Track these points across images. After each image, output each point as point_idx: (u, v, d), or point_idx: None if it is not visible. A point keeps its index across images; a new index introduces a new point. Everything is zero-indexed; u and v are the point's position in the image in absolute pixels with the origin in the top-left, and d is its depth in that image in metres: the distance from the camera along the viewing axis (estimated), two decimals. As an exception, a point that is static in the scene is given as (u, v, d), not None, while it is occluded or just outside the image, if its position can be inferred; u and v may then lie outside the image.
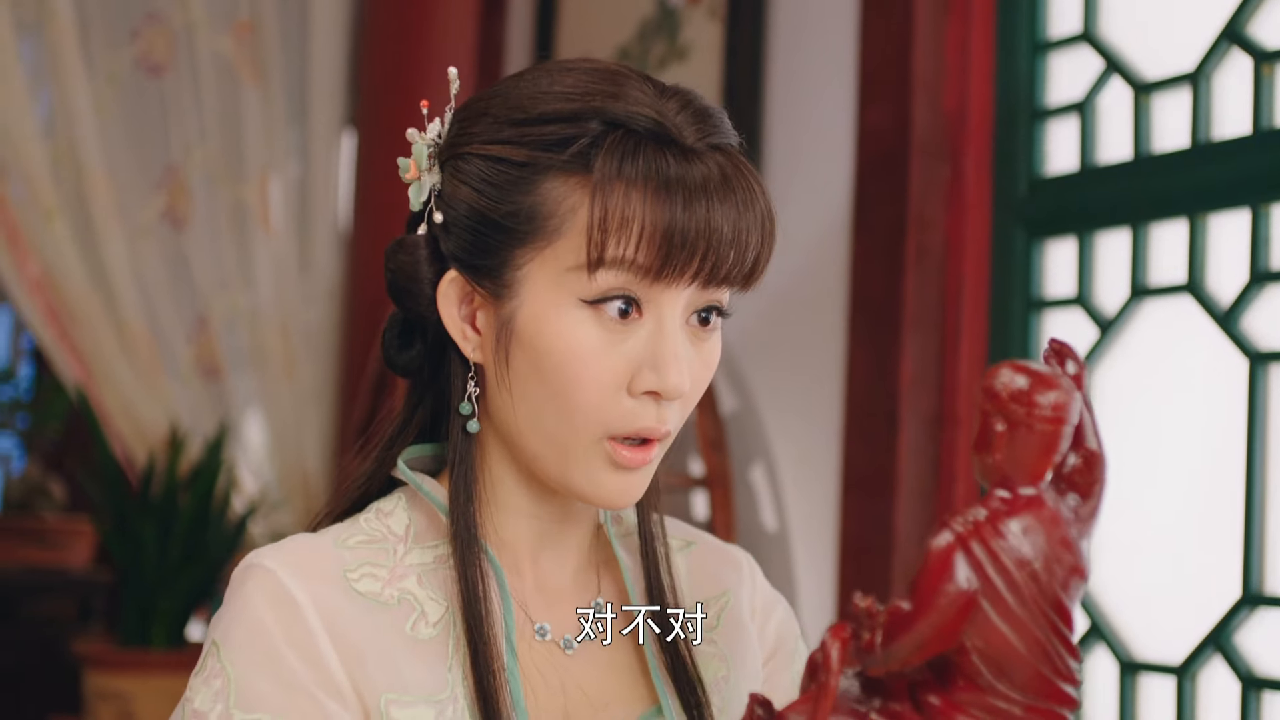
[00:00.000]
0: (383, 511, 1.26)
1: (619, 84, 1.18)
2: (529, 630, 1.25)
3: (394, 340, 1.28)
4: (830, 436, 2.55)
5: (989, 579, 0.95)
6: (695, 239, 1.13)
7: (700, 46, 2.91)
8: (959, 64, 2.44)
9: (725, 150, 1.19)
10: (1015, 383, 0.97)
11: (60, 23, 3.64)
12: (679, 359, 1.17)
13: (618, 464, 1.18)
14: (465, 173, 1.21)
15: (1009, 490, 0.98)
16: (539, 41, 3.40)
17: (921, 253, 2.41)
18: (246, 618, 1.15)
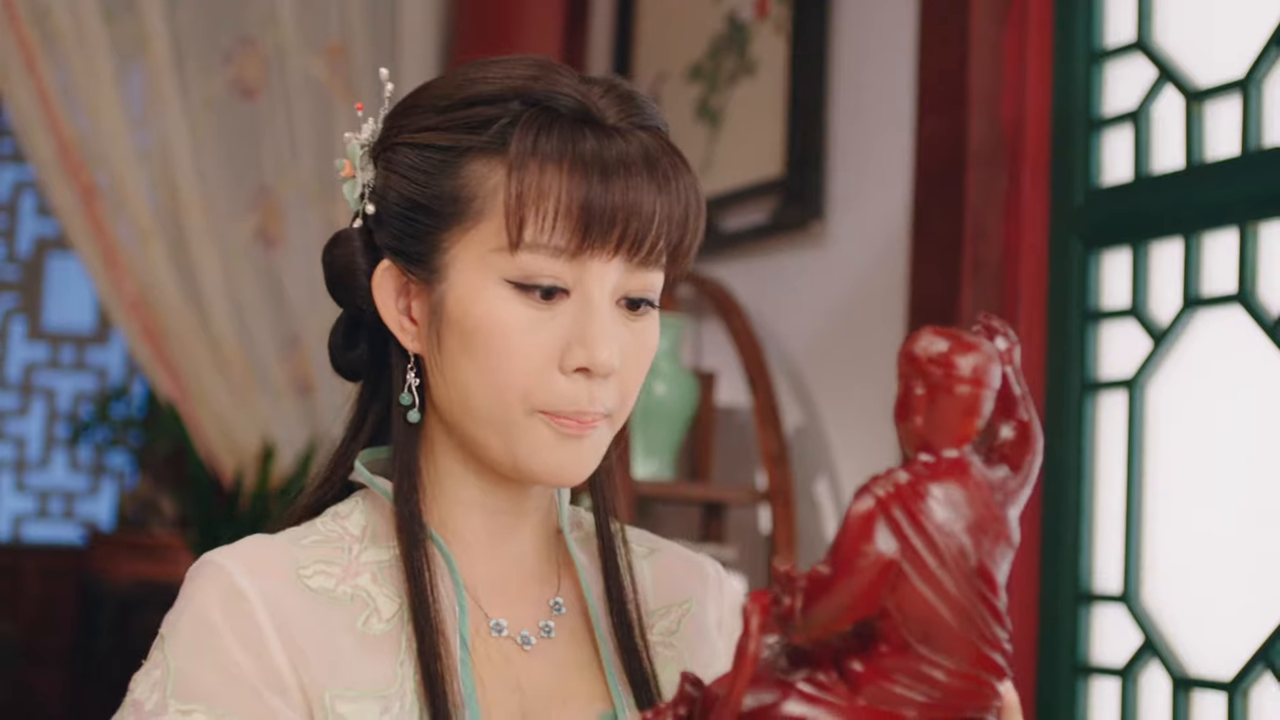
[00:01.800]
0: (339, 514, 1.27)
1: (543, 69, 1.20)
2: (484, 626, 1.25)
3: (339, 342, 1.30)
4: (892, 450, 2.54)
5: (910, 543, 0.93)
6: (613, 213, 1.15)
7: (767, 61, 2.91)
8: (1016, 74, 2.42)
9: (650, 131, 1.20)
10: (934, 346, 0.96)
11: (156, 50, 3.73)
12: (607, 334, 1.17)
13: (560, 433, 1.18)
14: (395, 163, 1.23)
15: (932, 454, 0.97)
16: (618, 60, 3.42)
17: (978, 264, 2.40)
18: (193, 612, 1.16)
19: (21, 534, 5.48)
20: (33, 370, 5.59)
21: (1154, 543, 2.21)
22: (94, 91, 3.65)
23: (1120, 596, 2.22)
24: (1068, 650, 2.28)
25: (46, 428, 5.59)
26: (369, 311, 1.26)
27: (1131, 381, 2.23)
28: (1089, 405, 2.29)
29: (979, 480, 0.97)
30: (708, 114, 3.07)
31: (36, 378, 5.59)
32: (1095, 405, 2.29)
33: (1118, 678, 2.22)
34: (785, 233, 2.83)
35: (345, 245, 1.27)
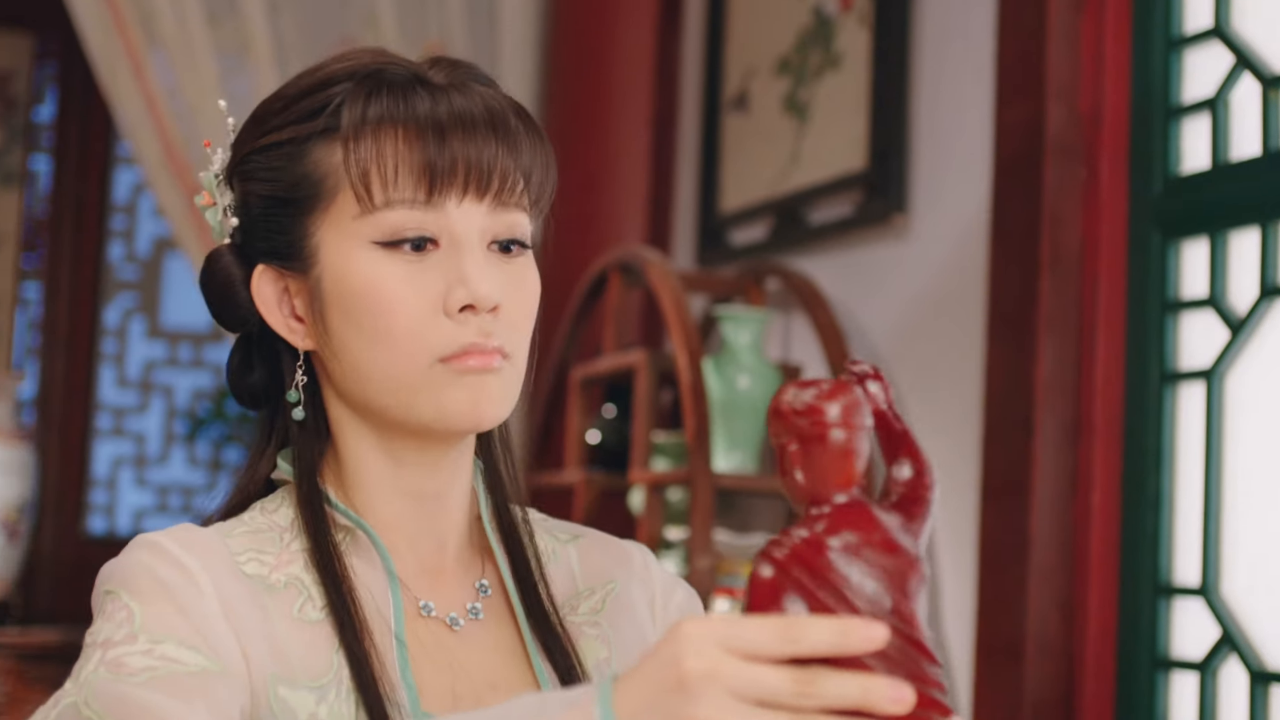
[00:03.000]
0: (266, 509, 1.29)
1: (375, 54, 1.25)
2: (415, 607, 1.27)
3: (235, 368, 1.32)
4: (970, 443, 2.52)
5: (819, 599, 0.94)
6: (452, 156, 1.19)
7: (851, 54, 2.90)
8: (1094, 63, 2.40)
9: (483, 84, 1.25)
10: (800, 399, 0.97)
11: (259, 51, 3.79)
12: (482, 268, 1.21)
13: (463, 371, 1.20)
14: (248, 173, 1.27)
15: (824, 504, 0.97)
16: (709, 55, 3.43)
17: (1056, 255, 2.38)
18: (144, 570, 1.17)
19: (142, 528, 5.61)
20: (152, 368, 5.70)
21: (1233, 535, 2.18)
22: (199, 94, 3.72)
23: (1199, 589, 2.19)
24: (1147, 644, 2.25)
25: (165, 424, 5.70)
26: (255, 323, 1.28)
27: (1210, 372, 2.20)
28: (1168, 396, 2.27)
29: (877, 521, 0.97)
30: (795, 108, 3.07)
31: (155, 375, 5.71)
32: (1175, 396, 2.27)
33: (1196, 672, 2.19)
34: (869, 226, 2.82)
35: (217, 262, 1.29)
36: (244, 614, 1.18)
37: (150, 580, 1.16)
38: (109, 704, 1.10)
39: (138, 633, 1.14)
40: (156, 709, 1.10)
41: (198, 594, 1.16)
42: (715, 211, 3.34)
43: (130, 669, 1.11)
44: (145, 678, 1.11)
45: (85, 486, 5.54)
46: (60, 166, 5.55)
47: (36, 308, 5.53)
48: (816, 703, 0.91)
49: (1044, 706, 2.32)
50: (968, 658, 2.48)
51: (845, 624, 0.91)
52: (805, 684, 0.91)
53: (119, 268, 5.68)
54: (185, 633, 1.14)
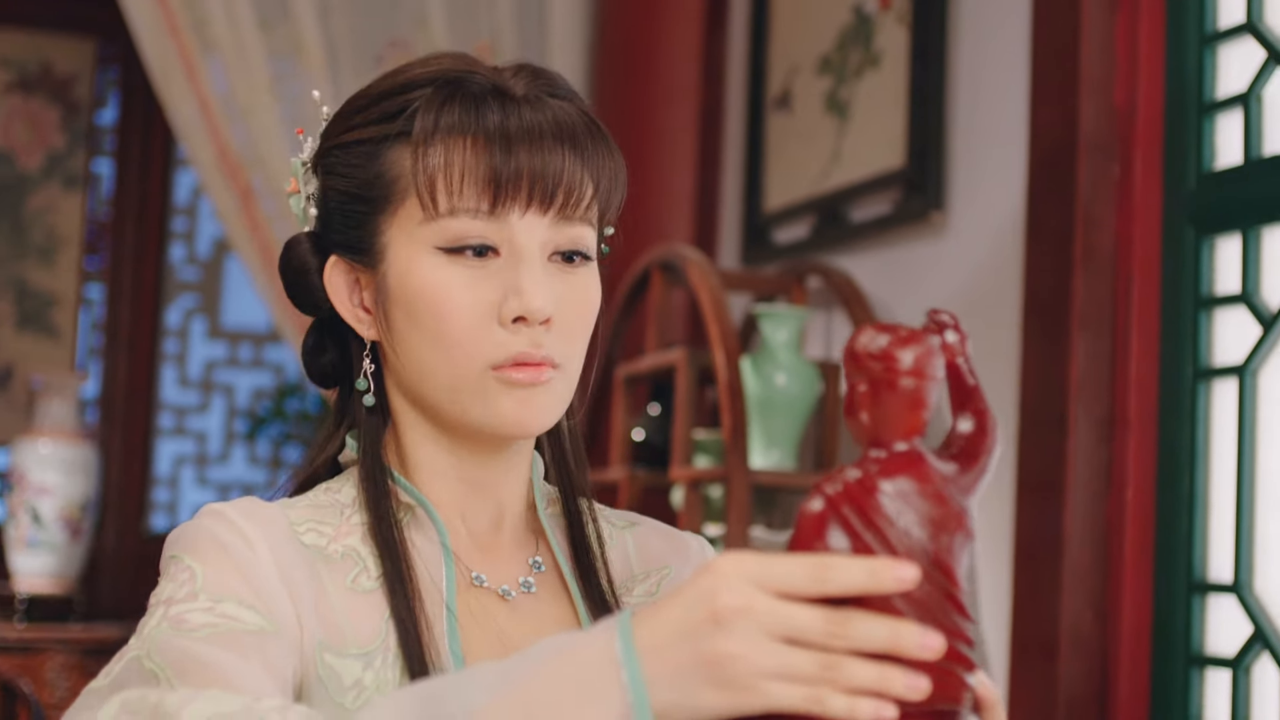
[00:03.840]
0: (330, 489, 1.34)
1: (458, 59, 1.28)
2: (467, 578, 1.31)
3: (309, 348, 1.38)
4: (1006, 439, 2.53)
5: (862, 539, 0.96)
6: (518, 170, 1.22)
7: (890, 52, 2.91)
8: (1128, 59, 2.39)
9: (560, 98, 1.27)
10: (875, 342, 0.98)
11: (310, 53, 3.84)
12: (538, 283, 1.24)
13: (511, 383, 1.24)
14: (330, 167, 1.31)
15: (883, 449, 0.99)
16: (753, 54, 3.44)
17: (1090, 252, 2.37)
18: (206, 535, 1.22)
19: (204, 526, 5.67)
20: (213, 368, 5.77)
21: (1266, 532, 2.17)
22: (251, 97, 3.77)
23: (1232, 586, 2.19)
24: (1181, 640, 2.25)
25: (226, 423, 5.77)
26: (326, 309, 1.33)
27: (1242, 368, 2.20)
28: (1201, 392, 2.26)
29: (931, 473, 0.98)
30: (835, 106, 3.08)
31: (216, 375, 5.77)
32: (1208, 392, 2.26)
33: (1229, 669, 2.19)
34: (907, 223, 2.83)
35: (295, 249, 1.35)
36: (298, 580, 1.23)
37: (212, 544, 1.21)
38: (170, 657, 1.14)
39: (199, 592, 1.18)
40: (216, 663, 1.14)
41: (255, 558, 1.21)
42: (759, 210, 3.36)
43: (191, 625, 1.16)
44: (206, 633, 1.15)
45: (147, 485, 5.61)
46: (122, 169, 5.62)
47: (99, 309, 5.61)
48: (846, 643, 0.93)
49: (1078, 702, 2.32)
50: (1003, 653, 2.49)
51: (875, 564, 0.93)
52: (836, 624, 0.93)
53: (180, 269, 5.75)
54: (244, 593, 1.19)
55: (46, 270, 5.53)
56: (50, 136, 5.54)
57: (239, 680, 1.13)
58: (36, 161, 5.53)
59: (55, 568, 4.78)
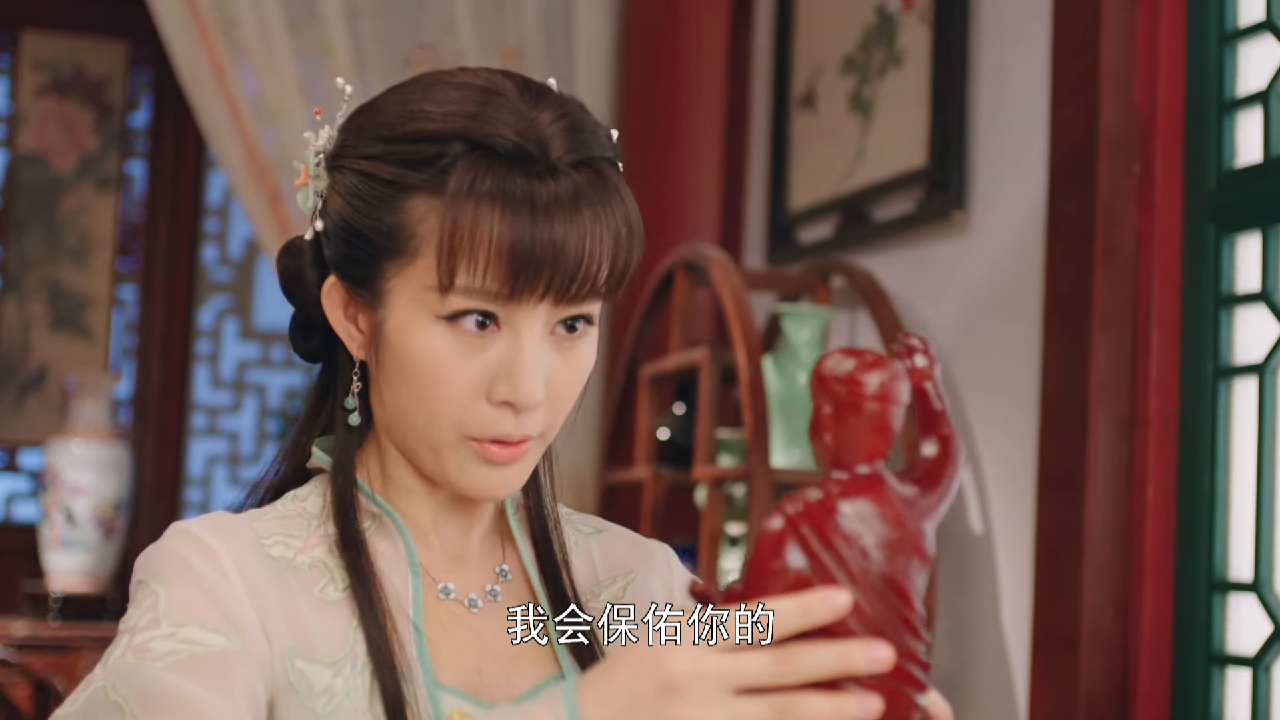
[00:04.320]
0: (298, 497, 1.34)
1: (488, 103, 1.21)
2: (434, 589, 1.32)
3: (297, 332, 1.37)
4: (1028, 438, 2.53)
5: (819, 559, 0.97)
6: (540, 260, 1.18)
7: (913, 51, 2.92)
8: (1148, 57, 2.40)
9: (589, 164, 1.22)
10: (841, 366, 1.00)
11: (338, 56, 3.86)
12: (533, 371, 1.22)
13: (487, 459, 1.25)
14: (341, 185, 1.27)
15: (845, 471, 1.00)
16: (778, 55, 3.45)
17: (1110, 250, 2.38)
18: (172, 557, 1.23)
19: (237, 526, 5.71)
20: (245, 368, 5.80)
21: (1285, 530, 2.17)
22: (280, 100, 3.79)
23: (1252, 585, 2.19)
24: (1202, 639, 2.25)
25: (258, 423, 5.80)
26: (319, 316, 1.32)
27: (1263, 366, 2.20)
28: (1222, 391, 2.26)
29: (892, 496, 1.00)
30: (859, 106, 3.09)
31: (248, 375, 5.80)
32: (1229, 391, 2.26)
33: (1249, 667, 2.19)
34: (930, 223, 2.84)
35: (296, 257, 1.32)
36: (265, 591, 1.23)
37: (177, 565, 1.21)
38: (134, 687, 1.15)
39: (161, 618, 1.19)
40: (178, 693, 1.15)
41: (221, 575, 1.21)
42: (784, 209, 3.37)
43: (154, 653, 1.17)
44: (168, 662, 1.16)
45: (180, 484, 5.66)
46: (155, 171, 5.66)
47: (132, 310, 5.65)
48: (798, 678, 0.95)
49: (1099, 699, 2.33)
50: (1024, 650, 2.49)
51: (806, 601, 0.95)
52: (784, 662, 0.95)
53: (212, 270, 5.79)
54: (207, 614, 1.19)
55: (80, 271, 5.57)
56: (83, 139, 5.59)
57: (201, 709, 1.14)
58: (70, 164, 5.57)
59: (89, 566, 4.82)
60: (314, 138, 1.32)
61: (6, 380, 5.49)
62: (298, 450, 1.36)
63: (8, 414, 5.49)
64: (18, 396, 5.50)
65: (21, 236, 5.52)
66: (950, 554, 2.71)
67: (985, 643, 2.61)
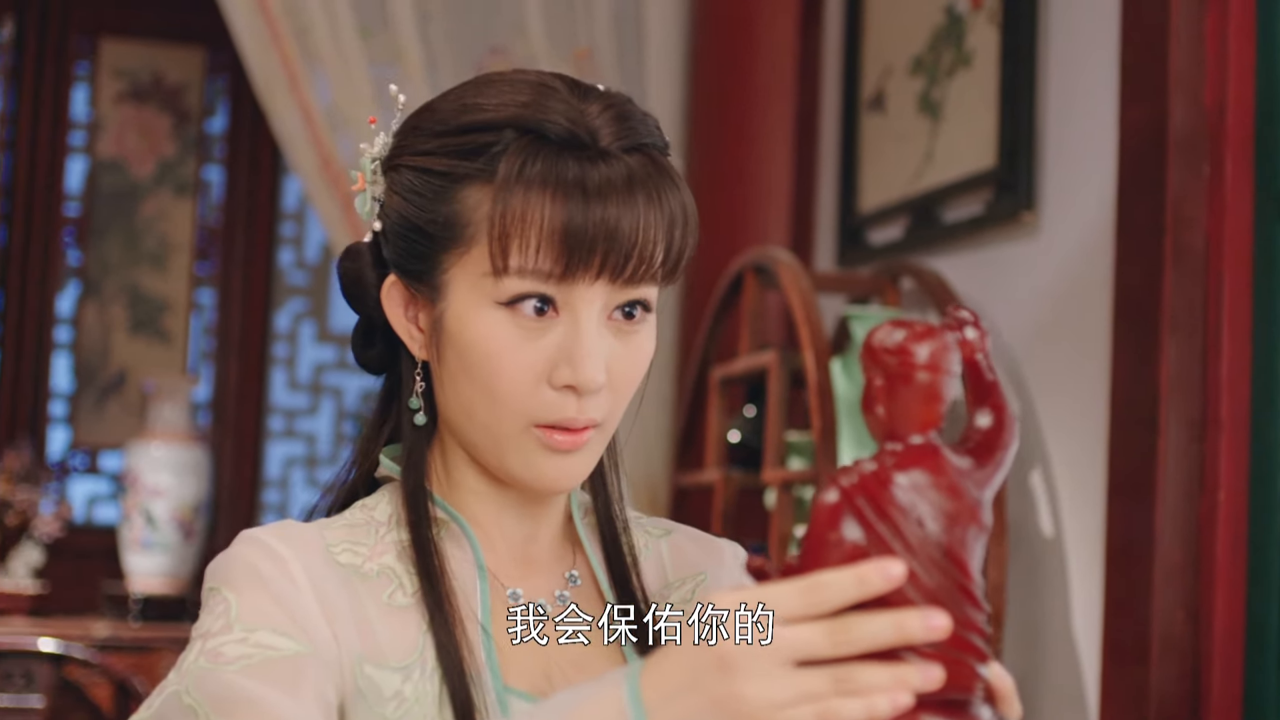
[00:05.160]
0: (366, 506, 1.35)
1: (539, 94, 1.24)
2: (502, 594, 1.32)
3: (358, 341, 1.39)
4: (1098, 441, 2.51)
5: (875, 530, 0.98)
6: (594, 239, 1.20)
7: (982, 52, 2.90)
8: (1217, 58, 2.38)
9: (640, 149, 1.24)
10: (891, 338, 1.01)
11: (411, 61, 3.88)
12: (592, 354, 1.23)
13: (551, 447, 1.25)
14: (398, 183, 1.29)
15: (899, 442, 1.01)
16: (847, 55, 3.44)
17: (1180, 252, 2.36)
18: (242, 563, 1.25)
19: (315, 527, 5.75)
20: (321, 371, 5.85)
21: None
22: (352, 105, 3.82)
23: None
24: (1274, 643, 2.26)
25: (335, 425, 5.84)
26: (380, 319, 1.33)
27: (1335, 368, 2.18)
28: (1294, 393, 2.24)
29: (947, 466, 1.00)
30: (928, 106, 3.08)
31: (325, 378, 5.84)
32: (1301, 393, 2.24)
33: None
34: (999, 224, 2.82)
35: (355, 260, 1.35)
36: (334, 598, 1.25)
37: (246, 572, 1.24)
38: (208, 691, 1.17)
39: (234, 623, 1.21)
40: (251, 696, 1.17)
41: (290, 581, 1.23)
42: (854, 211, 3.36)
43: (227, 657, 1.18)
44: (240, 665, 1.18)
45: (258, 486, 5.70)
46: (232, 176, 5.71)
47: (210, 314, 5.70)
48: (854, 649, 0.95)
49: (1170, 705, 2.31)
50: (1095, 655, 2.48)
51: (862, 571, 0.95)
52: (840, 633, 0.95)
53: (289, 273, 5.83)
54: (278, 619, 1.21)
55: (159, 276, 5.64)
56: (161, 145, 5.65)
57: (273, 711, 1.16)
58: (148, 169, 5.64)
59: (168, 568, 4.88)
60: (369, 146, 1.34)
61: (87, 384, 5.57)
62: (365, 457, 1.38)
63: (88, 417, 5.56)
64: (98, 400, 5.57)
65: (101, 242, 5.59)
66: (1021, 557, 2.70)
67: (1056, 647, 2.59)
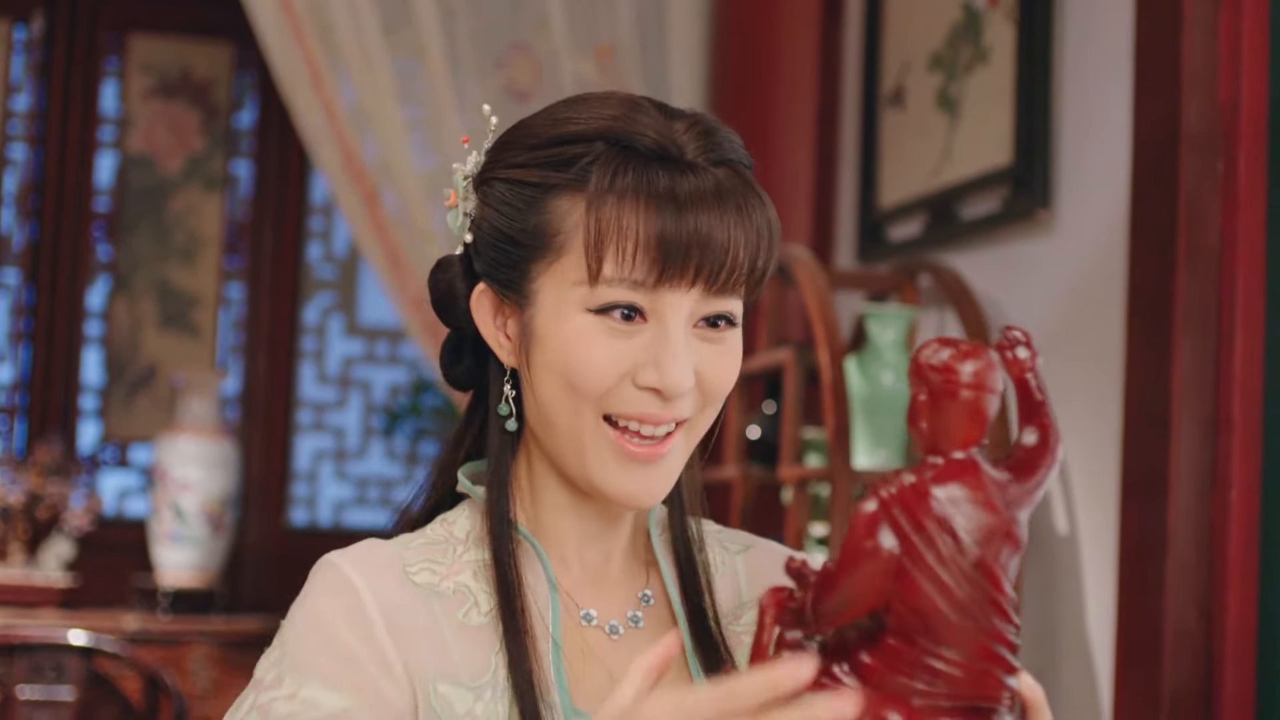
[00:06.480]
0: (447, 521, 1.37)
1: (628, 109, 1.27)
2: (575, 616, 1.34)
3: (447, 356, 1.41)
4: (1112, 439, 2.51)
5: (910, 540, 1.00)
6: (688, 247, 1.22)
7: (998, 49, 2.90)
8: (1231, 55, 2.37)
9: (728, 165, 1.27)
10: (938, 356, 1.04)
11: (433, 57, 3.90)
12: (678, 359, 1.25)
13: (628, 455, 1.27)
14: (490, 196, 1.32)
15: (941, 456, 1.03)
16: (867, 51, 3.44)
17: (1193, 250, 2.36)
18: (308, 605, 1.28)
19: (342, 520, 5.78)
20: (350, 364, 5.87)
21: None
22: (375, 101, 3.84)
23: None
24: (1286, 642, 2.23)
25: (363, 419, 5.87)
26: (470, 330, 1.36)
27: (1347, 367, 2.17)
28: (1307, 392, 2.24)
29: (985, 481, 1.02)
30: (946, 103, 3.08)
31: (354, 371, 5.87)
32: (1313, 392, 2.24)
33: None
34: (1015, 222, 2.82)
35: (447, 270, 1.37)
36: (410, 621, 1.27)
37: (309, 616, 1.28)
38: None
39: (285, 674, 1.25)
40: None
41: (358, 615, 1.26)
42: (874, 208, 3.36)
43: (275, 715, 1.22)
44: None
45: (287, 480, 5.74)
46: (260, 171, 5.74)
47: (239, 307, 5.74)
48: None
49: (1182, 702, 2.31)
50: (1108, 652, 2.48)
51: (773, 674, 0.98)
52: None
53: (317, 267, 5.86)
54: (329, 670, 1.24)
55: (188, 271, 5.67)
56: (190, 140, 5.68)
57: None
58: (177, 164, 5.67)
59: (198, 561, 4.91)
60: (462, 165, 1.36)
61: (117, 378, 5.61)
62: (445, 472, 1.40)
63: (118, 411, 5.60)
64: (128, 394, 5.61)
65: (131, 237, 5.63)
66: (1036, 556, 2.70)
67: (1070, 645, 2.60)
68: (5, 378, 5.56)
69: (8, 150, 5.60)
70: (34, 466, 5.03)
